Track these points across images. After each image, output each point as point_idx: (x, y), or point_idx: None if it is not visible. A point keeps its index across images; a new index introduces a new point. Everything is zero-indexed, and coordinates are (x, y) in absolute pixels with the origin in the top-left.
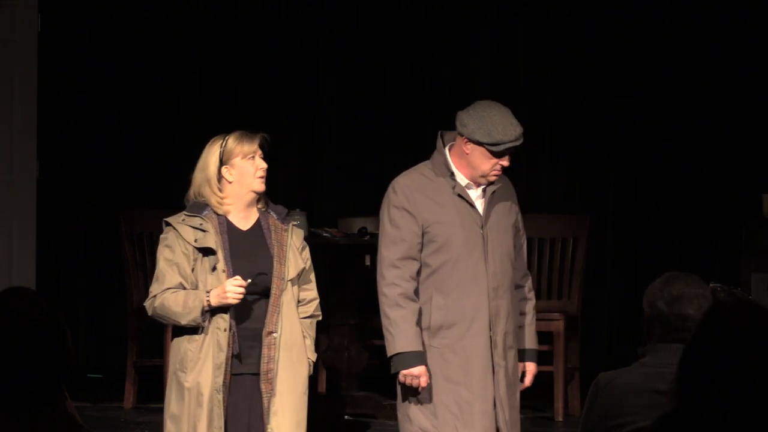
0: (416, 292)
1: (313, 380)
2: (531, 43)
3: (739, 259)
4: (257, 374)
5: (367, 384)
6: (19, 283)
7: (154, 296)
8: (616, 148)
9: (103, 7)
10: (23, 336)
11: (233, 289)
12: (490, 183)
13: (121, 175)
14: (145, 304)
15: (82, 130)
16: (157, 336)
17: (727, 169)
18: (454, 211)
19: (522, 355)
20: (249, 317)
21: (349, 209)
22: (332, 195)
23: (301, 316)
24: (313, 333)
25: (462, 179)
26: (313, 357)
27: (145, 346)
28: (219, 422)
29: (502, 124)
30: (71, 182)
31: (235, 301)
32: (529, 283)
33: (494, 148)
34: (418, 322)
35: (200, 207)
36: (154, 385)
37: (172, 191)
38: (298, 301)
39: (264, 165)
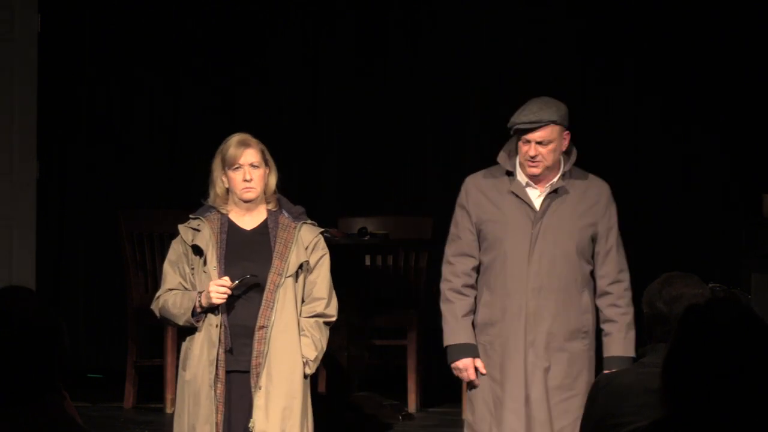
0: (472, 287)
1: (313, 380)
2: (531, 44)
3: (739, 259)
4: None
5: (367, 384)
6: (19, 283)
7: (158, 297)
8: (616, 148)
9: (103, 6)
10: (19, 336)
11: (216, 289)
12: (535, 176)
13: (121, 175)
14: (151, 307)
15: (82, 130)
16: (157, 336)
17: (726, 168)
18: (507, 209)
19: (603, 363)
20: (245, 314)
21: (349, 209)
22: (332, 195)
23: (305, 315)
24: (315, 332)
25: (523, 178)
26: (310, 355)
27: (145, 346)
28: (211, 417)
29: (523, 108)
30: (71, 182)
31: (220, 301)
32: (619, 290)
33: (512, 132)
34: (470, 315)
35: (205, 209)
36: (154, 385)
37: (172, 191)
38: (303, 300)
39: (248, 177)
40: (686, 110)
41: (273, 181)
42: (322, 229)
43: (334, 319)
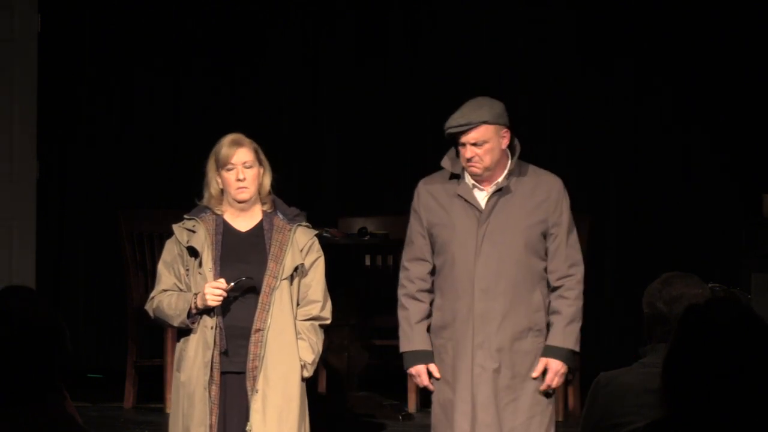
0: (428, 291)
1: (313, 380)
2: (531, 44)
3: (739, 259)
4: (245, 372)
5: (367, 384)
6: (19, 283)
7: (152, 298)
8: (616, 148)
9: (103, 6)
10: (20, 335)
11: (211, 291)
12: (477, 175)
13: (121, 175)
14: (146, 307)
15: (82, 130)
16: (157, 336)
17: (726, 168)
18: (454, 212)
19: (542, 352)
20: (241, 316)
21: (349, 209)
22: (332, 195)
23: (301, 318)
24: (312, 335)
25: (470, 180)
26: (308, 358)
27: (145, 346)
28: (206, 419)
29: (455, 112)
30: (71, 182)
31: (215, 303)
32: (569, 284)
33: (446, 136)
34: (425, 320)
35: (200, 210)
36: (154, 385)
37: (172, 191)
38: (298, 303)
39: (241, 177)
40: (686, 110)
41: (267, 181)
42: (317, 231)
43: (329, 322)
